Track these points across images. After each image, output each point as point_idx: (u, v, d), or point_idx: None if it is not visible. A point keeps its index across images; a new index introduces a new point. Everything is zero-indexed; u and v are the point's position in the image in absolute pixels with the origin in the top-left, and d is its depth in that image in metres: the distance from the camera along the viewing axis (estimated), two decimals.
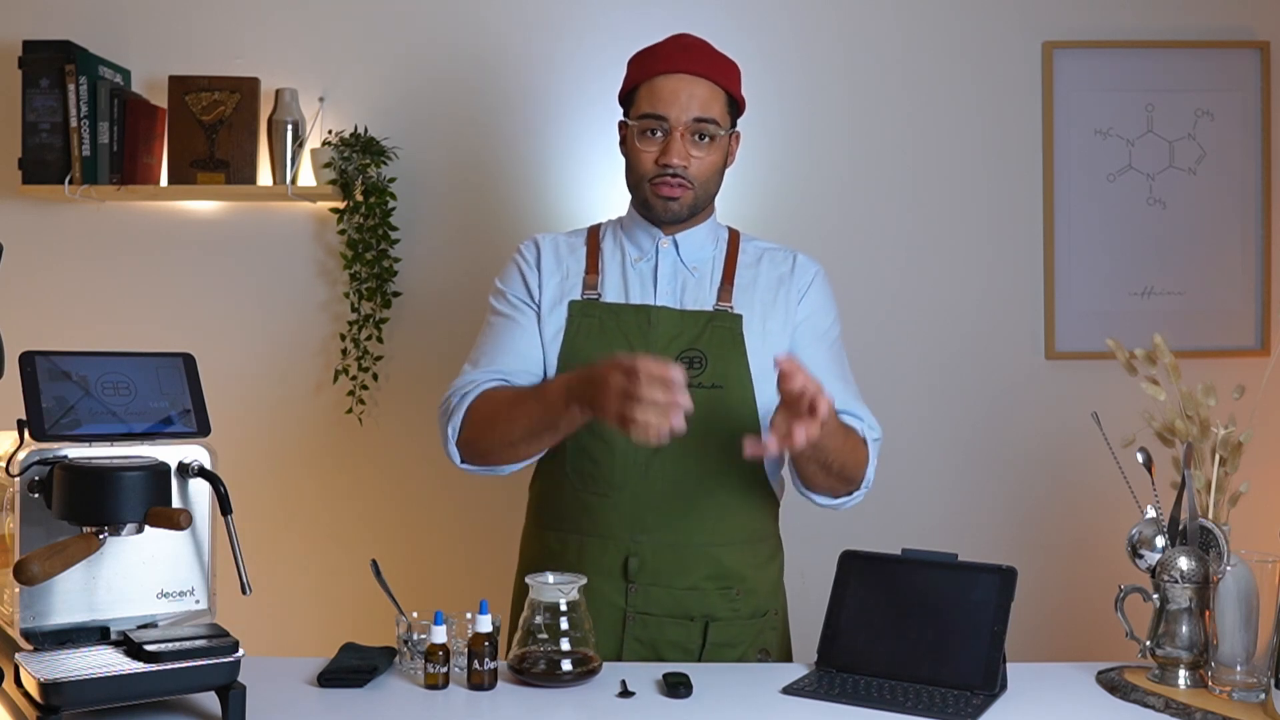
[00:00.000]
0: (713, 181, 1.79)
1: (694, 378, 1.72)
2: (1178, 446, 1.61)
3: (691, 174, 1.74)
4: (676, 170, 1.73)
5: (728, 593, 1.75)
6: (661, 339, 1.75)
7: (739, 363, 1.74)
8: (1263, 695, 1.45)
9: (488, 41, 2.74)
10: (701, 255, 1.83)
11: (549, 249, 1.84)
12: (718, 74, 1.76)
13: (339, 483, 2.77)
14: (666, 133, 1.73)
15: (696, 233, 1.83)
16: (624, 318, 1.76)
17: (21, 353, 1.40)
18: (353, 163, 2.60)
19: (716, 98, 1.75)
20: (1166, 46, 2.75)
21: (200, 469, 1.43)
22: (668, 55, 1.76)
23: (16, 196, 2.67)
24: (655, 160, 1.75)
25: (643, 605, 1.73)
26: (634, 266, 1.81)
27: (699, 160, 1.75)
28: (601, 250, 1.84)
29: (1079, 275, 2.76)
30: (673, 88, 1.73)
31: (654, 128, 1.74)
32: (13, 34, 2.67)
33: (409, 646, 1.60)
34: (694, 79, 1.73)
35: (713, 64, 1.76)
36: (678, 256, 1.82)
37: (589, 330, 1.76)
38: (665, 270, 1.80)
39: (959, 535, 2.67)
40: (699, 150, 1.74)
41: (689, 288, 1.80)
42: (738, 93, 1.80)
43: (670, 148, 1.73)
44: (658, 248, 1.81)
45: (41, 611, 1.36)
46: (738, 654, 1.76)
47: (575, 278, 1.81)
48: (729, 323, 1.76)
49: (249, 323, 2.75)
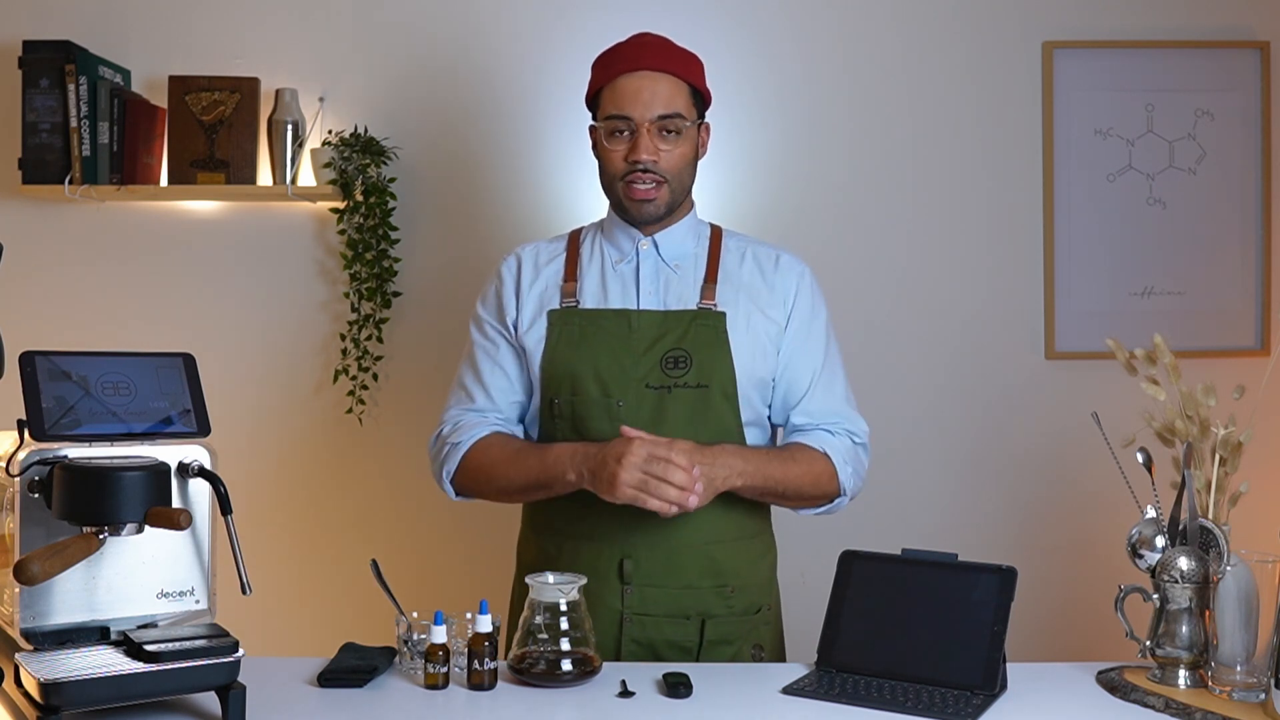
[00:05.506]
0: (686, 174, 1.80)
1: (679, 378, 1.73)
2: (1178, 446, 1.61)
3: (663, 168, 1.76)
4: (647, 165, 1.74)
5: (722, 590, 1.76)
6: (644, 342, 1.75)
7: (724, 362, 1.75)
8: (1263, 695, 1.45)
9: (488, 42, 2.74)
10: (683, 251, 1.83)
11: (529, 261, 1.86)
12: (678, 68, 1.76)
13: (339, 483, 2.77)
14: (634, 131, 1.74)
15: (676, 230, 1.83)
16: (603, 323, 1.77)
17: (21, 353, 1.40)
18: (353, 163, 2.60)
19: (679, 92, 1.76)
20: (1166, 46, 2.75)
21: (200, 469, 1.43)
22: (627, 55, 1.77)
23: (16, 196, 2.67)
24: (625, 158, 1.76)
25: (639, 606, 1.73)
26: (615, 269, 1.82)
27: (668, 153, 1.76)
28: (581, 256, 1.85)
29: (1079, 275, 2.76)
30: (635, 86, 1.74)
31: (620, 128, 1.75)
32: (13, 34, 2.67)
33: (409, 646, 1.60)
34: (655, 75, 1.74)
35: (672, 59, 1.77)
36: (659, 256, 1.82)
37: (569, 338, 1.77)
38: (647, 271, 1.80)
39: (959, 535, 2.67)
40: (667, 144, 1.75)
41: (672, 286, 1.80)
42: (702, 85, 1.81)
43: (638, 144, 1.74)
44: (638, 249, 1.81)
45: (41, 611, 1.36)
46: (733, 650, 1.76)
47: (554, 288, 1.82)
48: (712, 321, 1.76)
49: (249, 323, 2.75)
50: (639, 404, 1.73)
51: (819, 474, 1.76)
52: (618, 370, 1.74)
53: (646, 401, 1.73)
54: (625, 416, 1.72)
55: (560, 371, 1.76)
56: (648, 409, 1.72)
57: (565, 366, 1.75)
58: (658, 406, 1.72)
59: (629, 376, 1.73)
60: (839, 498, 1.80)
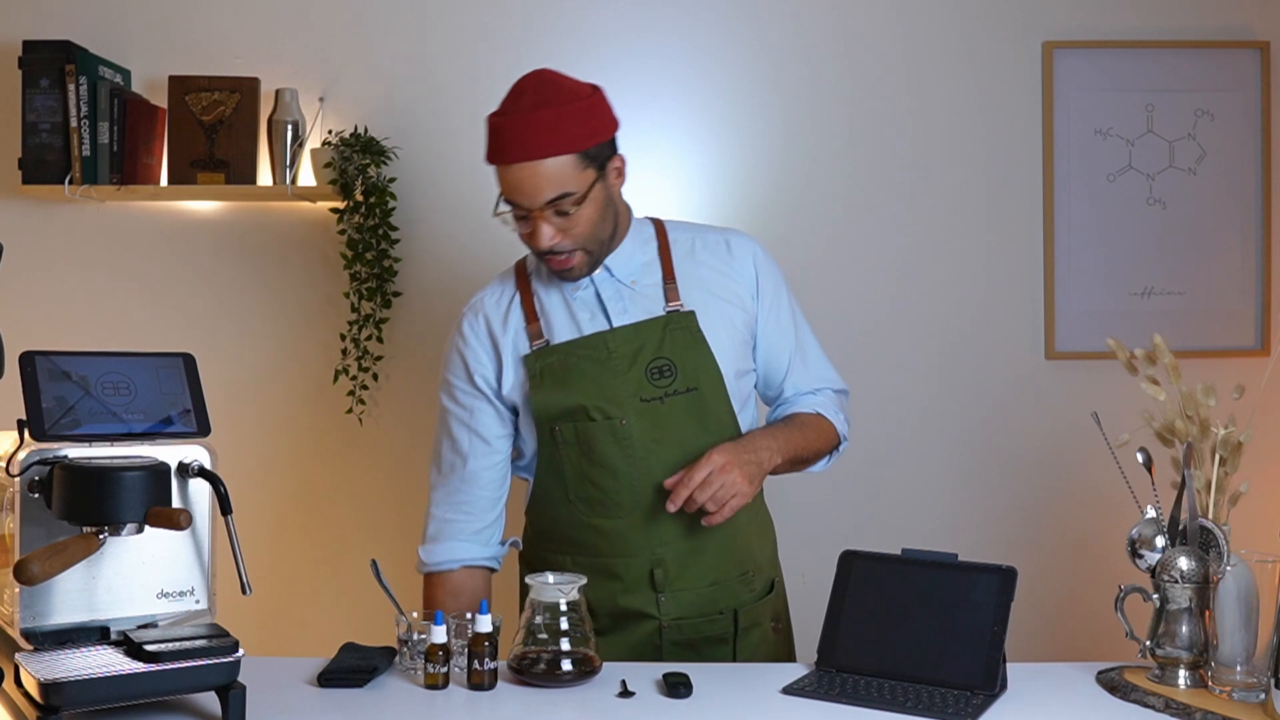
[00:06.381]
0: (600, 228, 1.73)
1: (668, 386, 1.74)
2: (1177, 446, 1.61)
3: (570, 241, 1.71)
4: (553, 248, 1.71)
5: (745, 577, 1.82)
6: (624, 359, 1.75)
7: (706, 362, 1.76)
8: (1263, 695, 1.45)
9: (488, 41, 2.74)
10: (634, 265, 1.81)
11: (494, 313, 1.82)
12: (556, 145, 1.64)
13: (339, 483, 2.76)
14: (530, 217, 1.69)
15: (622, 251, 1.81)
16: (580, 352, 1.76)
17: (21, 353, 1.40)
18: (353, 163, 2.59)
19: (563, 168, 1.65)
20: (1166, 46, 2.75)
21: (200, 469, 1.43)
22: (502, 146, 1.66)
23: (16, 196, 2.67)
24: (531, 240, 1.72)
25: (675, 611, 1.76)
26: (575, 296, 1.80)
27: (571, 227, 1.69)
28: (536, 294, 1.82)
29: (1079, 275, 2.76)
30: (516, 179, 1.66)
31: (518, 213, 1.71)
32: (13, 34, 2.67)
33: (409, 646, 1.60)
34: (533, 164, 1.64)
35: (550, 135, 1.64)
36: (613, 278, 1.80)
37: (551, 374, 1.76)
38: (608, 294, 1.79)
39: (959, 535, 2.67)
40: (566, 220, 1.68)
41: (637, 299, 1.79)
42: (590, 143, 1.67)
43: (537, 232, 1.69)
44: (591, 277, 1.80)
45: (41, 611, 1.36)
46: (761, 632, 1.83)
47: (521, 333, 1.80)
48: (685, 322, 1.77)
49: (249, 323, 2.75)
50: (639, 419, 1.73)
51: (823, 431, 1.86)
52: (609, 393, 1.74)
53: (646, 416, 1.73)
54: (629, 433, 1.72)
55: (554, 411, 1.75)
56: (648, 422, 1.73)
57: (557, 404, 1.75)
58: (656, 418, 1.73)
59: (621, 396, 1.74)
60: (840, 444, 1.90)
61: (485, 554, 1.83)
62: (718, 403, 1.76)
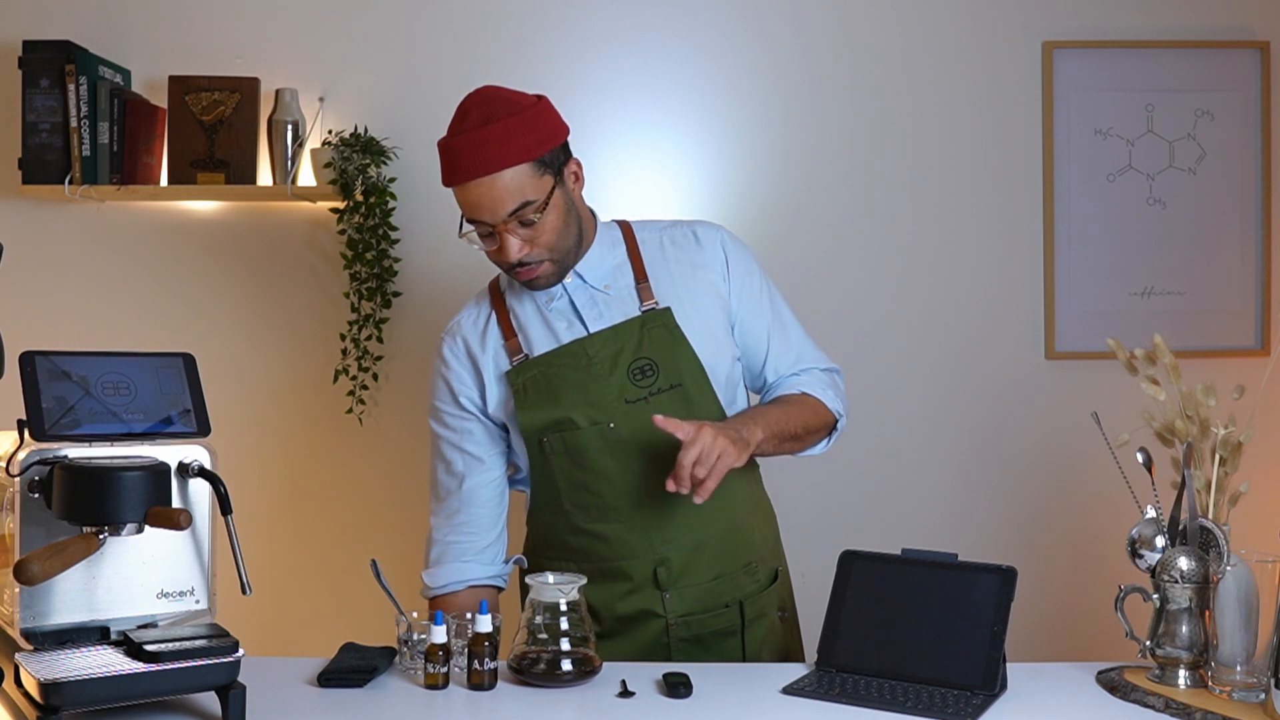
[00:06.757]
0: (566, 234, 1.73)
1: (651, 385, 1.74)
2: (1177, 446, 1.61)
3: (537, 252, 1.71)
4: (522, 260, 1.71)
5: (749, 568, 1.82)
6: (604, 363, 1.75)
7: (687, 357, 1.76)
8: (1263, 695, 1.45)
9: (488, 41, 2.74)
10: (605, 270, 1.81)
11: (472, 335, 1.82)
12: (510, 156, 1.65)
13: (339, 483, 2.77)
14: (495, 233, 1.70)
15: (591, 256, 1.81)
16: (561, 361, 1.76)
17: (21, 353, 1.40)
18: (353, 163, 2.59)
19: (519, 177, 1.66)
20: (1166, 46, 2.75)
21: (200, 469, 1.43)
22: (457, 166, 1.67)
23: (16, 196, 2.67)
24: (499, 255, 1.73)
25: (681, 608, 1.76)
26: (549, 308, 1.80)
27: (536, 235, 1.70)
28: (512, 310, 1.82)
29: (1079, 275, 2.76)
30: (475, 196, 1.67)
31: (482, 231, 1.71)
32: (13, 34, 2.67)
33: (409, 646, 1.60)
34: (490, 179, 1.65)
35: (502, 148, 1.65)
36: (586, 284, 1.80)
37: (535, 387, 1.76)
38: (583, 301, 1.79)
39: (959, 535, 2.67)
40: (531, 229, 1.69)
41: (612, 303, 1.79)
42: (543, 149, 1.68)
43: (504, 246, 1.69)
44: (564, 286, 1.80)
45: (41, 611, 1.36)
46: (768, 622, 1.83)
47: (500, 351, 1.80)
48: (662, 320, 1.77)
49: (249, 323, 2.75)
50: (625, 421, 1.73)
51: (810, 407, 1.82)
52: (593, 399, 1.74)
53: (632, 417, 1.73)
54: (617, 436, 1.73)
55: (541, 424, 1.75)
56: (635, 423, 1.73)
57: (543, 417, 1.75)
58: (643, 418, 1.73)
59: (606, 400, 1.74)
60: (838, 421, 1.86)
61: (490, 573, 1.82)
62: (703, 396, 1.76)
